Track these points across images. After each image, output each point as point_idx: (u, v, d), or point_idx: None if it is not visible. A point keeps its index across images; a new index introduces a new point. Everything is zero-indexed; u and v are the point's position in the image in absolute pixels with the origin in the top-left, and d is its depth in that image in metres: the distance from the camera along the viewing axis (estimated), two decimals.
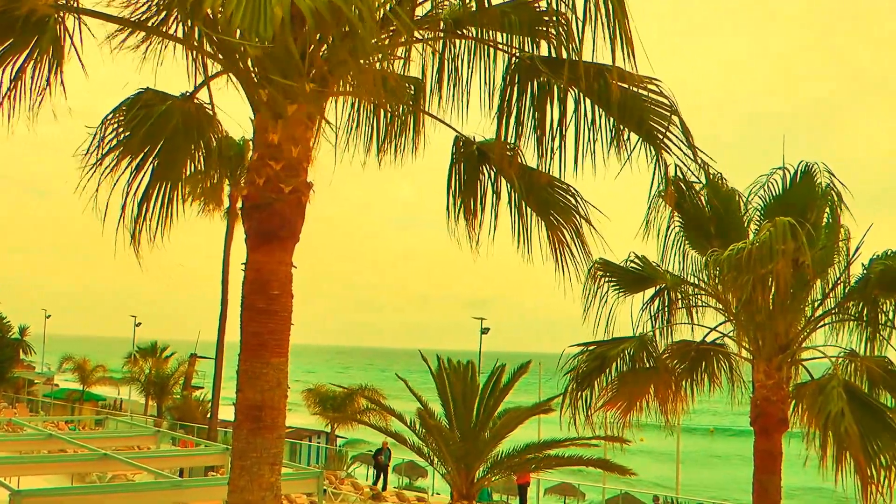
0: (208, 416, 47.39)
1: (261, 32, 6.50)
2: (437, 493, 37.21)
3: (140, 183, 10.62)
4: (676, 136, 9.41)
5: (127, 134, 10.36)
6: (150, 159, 10.59)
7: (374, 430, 24.89)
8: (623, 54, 8.26)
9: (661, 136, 9.43)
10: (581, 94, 9.55)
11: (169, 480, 16.53)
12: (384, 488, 37.92)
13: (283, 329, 8.97)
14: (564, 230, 10.65)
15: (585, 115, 9.57)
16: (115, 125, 10.33)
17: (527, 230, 10.74)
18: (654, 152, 9.50)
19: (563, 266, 10.70)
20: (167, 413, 59.09)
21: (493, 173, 10.85)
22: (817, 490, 53.62)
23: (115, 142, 10.32)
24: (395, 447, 26.33)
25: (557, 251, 10.72)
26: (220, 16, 6.60)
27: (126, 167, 10.47)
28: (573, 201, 10.57)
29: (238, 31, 6.75)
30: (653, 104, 9.38)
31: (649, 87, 9.27)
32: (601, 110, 9.53)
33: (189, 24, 9.56)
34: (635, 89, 9.28)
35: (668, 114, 9.34)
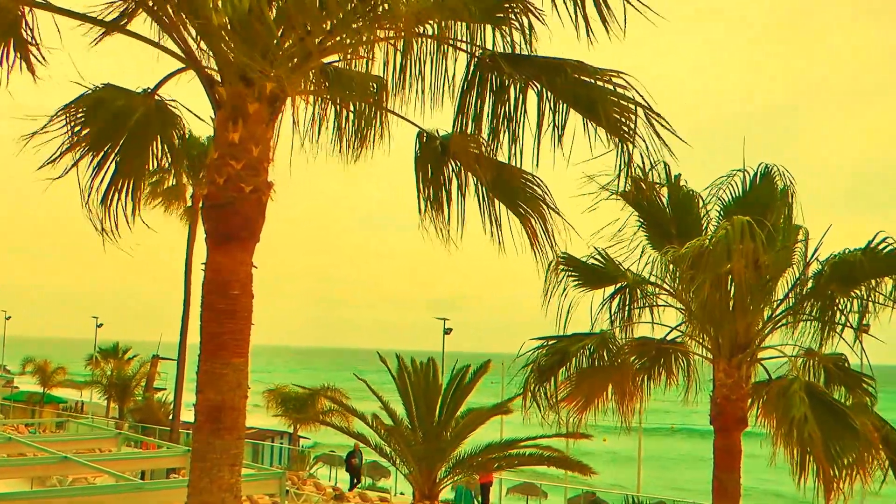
0: (170, 417, 47.04)
1: (237, 4, 6.45)
2: (402, 493, 37.20)
3: (102, 180, 10.49)
4: (642, 128, 9.39)
5: (86, 131, 10.24)
6: (112, 155, 10.47)
7: (335, 430, 24.81)
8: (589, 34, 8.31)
9: (626, 129, 9.43)
10: (543, 89, 9.57)
11: (130, 483, 16.43)
12: (350, 488, 37.85)
13: (244, 329, 8.93)
14: (533, 220, 10.64)
15: (549, 109, 9.61)
16: (72, 119, 10.19)
17: (496, 222, 10.72)
18: (617, 144, 9.50)
19: (536, 251, 10.68)
20: (129, 415, 58.59)
21: (458, 167, 10.84)
22: (775, 493, 54.19)
23: (70, 136, 10.17)
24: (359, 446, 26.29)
25: (531, 239, 10.69)
26: None
27: (89, 164, 10.35)
28: (539, 191, 10.56)
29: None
30: (618, 97, 9.35)
31: (614, 80, 9.28)
32: (564, 104, 9.54)
33: (155, 14, 9.37)
34: (600, 83, 9.29)
35: (633, 106, 9.30)
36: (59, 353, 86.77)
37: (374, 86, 10.73)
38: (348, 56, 9.95)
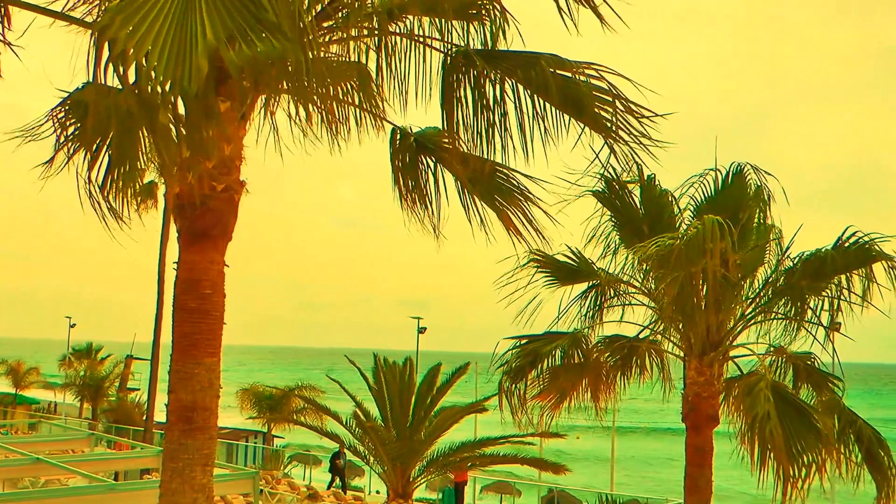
0: (144, 418, 46.82)
1: (185, 87, 6.37)
2: (377, 492, 37.18)
3: (97, 174, 10.42)
4: (621, 120, 9.41)
5: (75, 129, 10.19)
6: (104, 150, 10.39)
7: (309, 429, 24.78)
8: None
9: (608, 121, 9.43)
10: (517, 83, 9.58)
11: (103, 484, 16.31)
12: (344, 491, 37.82)
13: (215, 329, 8.89)
14: (511, 213, 10.65)
15: (526, 104, 9.62)
16: (60, 120, 10.15)
17: (478, 216, 10.73)
18: (591, 136, 9.53)
19: (518, 239, 10.69)
20: (102, 416, 58.28)
21: (433, 163, 10.84)
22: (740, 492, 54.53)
23: (61, 133, 10.14)
24: (331, 445, 26.24)
25: (511, 232, 10.71)
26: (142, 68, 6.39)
27: (83, 160, 10.27)
28: (517, 185, 10.57)
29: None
30: (595, 90, 9.34)
31: (587, 71, 9.26)
32: (540, 99, 9.55)
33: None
34: (576, 76, 9.29)
35: (611, 98, 9.30)
36: (31, 354, 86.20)
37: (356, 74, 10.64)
38: (323, 53, 9.92)
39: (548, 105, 9.54)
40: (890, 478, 13.82)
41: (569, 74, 9.27)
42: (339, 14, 9.26)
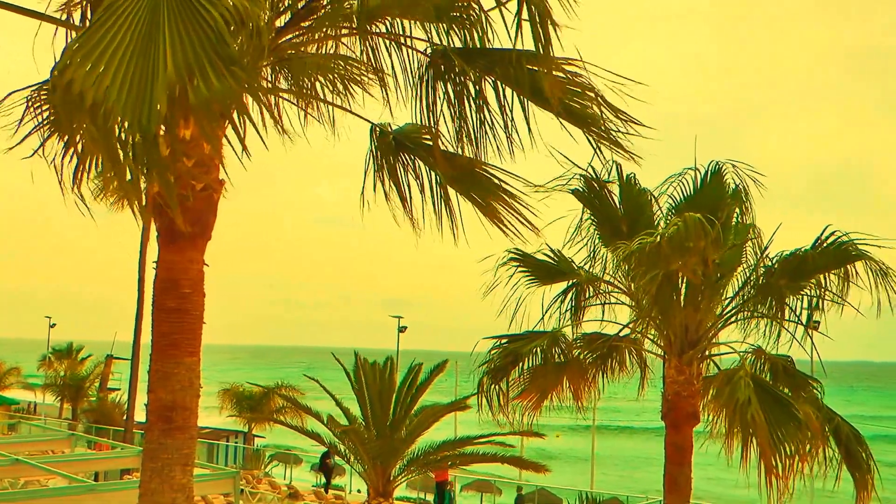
0: (125, 418, 46.63)
1: (143, 125, 6.38)
2: (358, 491, 37.16)
3: (70, 161, 10.36)
4: (603, 115, 9.48)
5: (49, 114, 10.12)
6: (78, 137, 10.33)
7: (290, 429, 24.77)
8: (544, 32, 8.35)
9: (585, 115, 9.51)
10: (497, 81, 9.64)
11: (83, 485, 16.29)
12: (326, 490, 37.82)
13: (195, 328, 8.88)
14: (495, 208, 10.70)
15: (501, 100, 9.70)
16: (35, 104, 10.07)
17: (452, 214, 10.77)
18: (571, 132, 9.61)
19: (505, 232, 10.73)
20: (82, 416, 58.00)
21: (412, 161, 10.87)
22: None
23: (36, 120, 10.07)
24: (314, 446, 26.22)
25: (497, 224, 10.74)
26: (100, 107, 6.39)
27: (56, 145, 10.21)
28: (498, 181, 10.61)
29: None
30: (574, 85, 9.39)
31: (566, 67, 9.29)
32: (520, 97, 9.62)
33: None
34: (555, 72, 9.32)
35: (591, 93, 9.37)
36: (11, 354, 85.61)
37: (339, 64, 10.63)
38: (302, 52, 9.95)
39: (527, 101, 9.61)
40: (868, 475, 13.92)
41: (545, 70, 9.29)
42: (317, 14, 9.27)
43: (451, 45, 9.69)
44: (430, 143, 10.34)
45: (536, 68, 9.27)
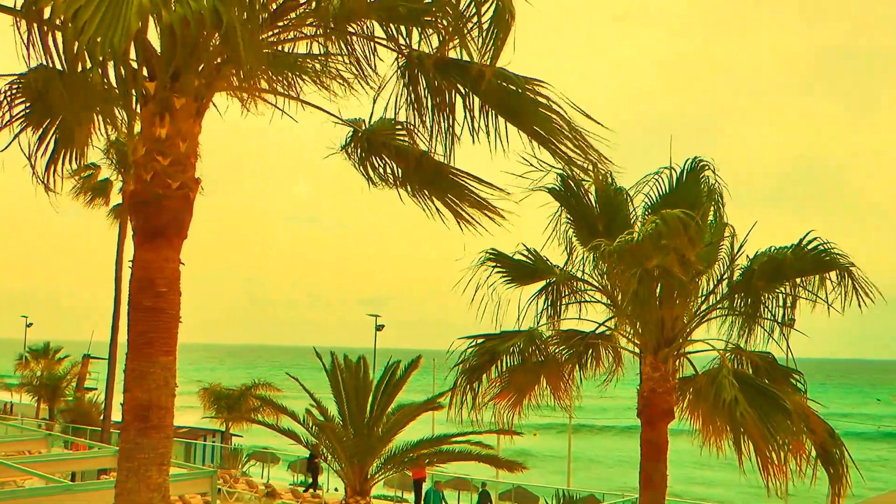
0: (101, 417, 46.41)
1: (115, 44, 6.36)
2: (336, 489, 37.13)
3: (44, 154, 10.34)
4: (565, 136, 9.62)
5: (24, 108, 10.09)
6: (52, 131, 10.31)
7: (266, 428, 24.73)
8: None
9: (547, 136, 9.62)
10: (469, 93, 9.71)
11: (60, 485, 16.24)
12: (306, 489, 37.80)
13: (171, 327, 8.87)
14: (462, 210, 10.80)
15: (477, 113, 9.77)
16: (9, 98, 10.04)
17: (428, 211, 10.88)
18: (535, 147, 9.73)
19: (462, 226, 10.85)
20: (59, 416, 57.67)
21: (382, 163, 10.95)
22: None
23: (9, 114, 10.04)
24: (290, 444, 26.17)
25: (462, 224, 10.85)
26: (69, 23, 6.36)
27: (30, 139, 10.20)
28: (467, 184, 10.71)
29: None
30: (539, 105, 9.56)
31: (536, 88, 9.48)
32: (490, 108, 9.70)
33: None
34: (521, 90, 9.47)
35: (555, 115, 9.54)
36: None
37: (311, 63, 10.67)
38: (278, 51, 9.98)
39: (496, 115, 9.75)
40: (842, 471, 14.02)
41: (515, 88, 9.50)
42: (294, 13, 9.29)
43: (426, 52, 9.75)
44: (400, 142, 10.46)
45: (509, 86, 9.44)
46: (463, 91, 9.79)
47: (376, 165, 10.96)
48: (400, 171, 10.88)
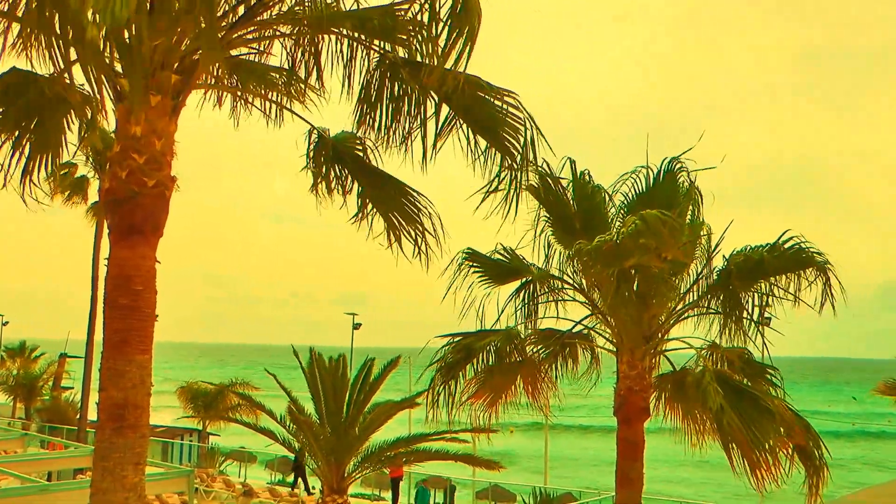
0: (78, 417, 46.18)
1: (117, 14, 6.33)
2: (313, 488, 37.04)
3: (19, 161, 10.28)
4: (530, 144, 9.76)
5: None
6: (27, 136, 10.25)
7: (244, 426, 24.63)
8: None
9: (512, 147, 9.77)
10: (441, 101, 9.79)
11: (36, 485, 16.18)
12: (292, 487, 37.74)
13: (147, 326, 8.84)
14: (404, 232, 10.96)
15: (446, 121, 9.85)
16: None
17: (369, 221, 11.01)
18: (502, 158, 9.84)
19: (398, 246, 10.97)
20: (35, 415, 57.31)
21: (343, 172, 11.02)
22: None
23: None
24: (266, 442, 26.08)
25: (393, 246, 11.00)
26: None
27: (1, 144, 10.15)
28: (416, 208, 10.91)
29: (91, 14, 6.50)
30: (508, 116, 9.70)
31: (506, 99, 9.60)
32: (459, 119, 9.79)
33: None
34: (491, 99, 9.57)
35: (521, 126, 9.66)
36: None
37: (276, 76, 10.70)
38: (254, 50, 9.98)
39: (464, 124, 9.83)
40: (820, 466, 14.08)
41: (485, 97, 9.64)
42: (266, 14, 9.31)
43: (399, 59, 9.78)
44: (360, 151, 10.60)
45: (480, 94, 9.53)
46: (436, 99, 9.85)
47: (336, 174, 11.03)
48: (357, 184, 10.97)
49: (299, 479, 38.51)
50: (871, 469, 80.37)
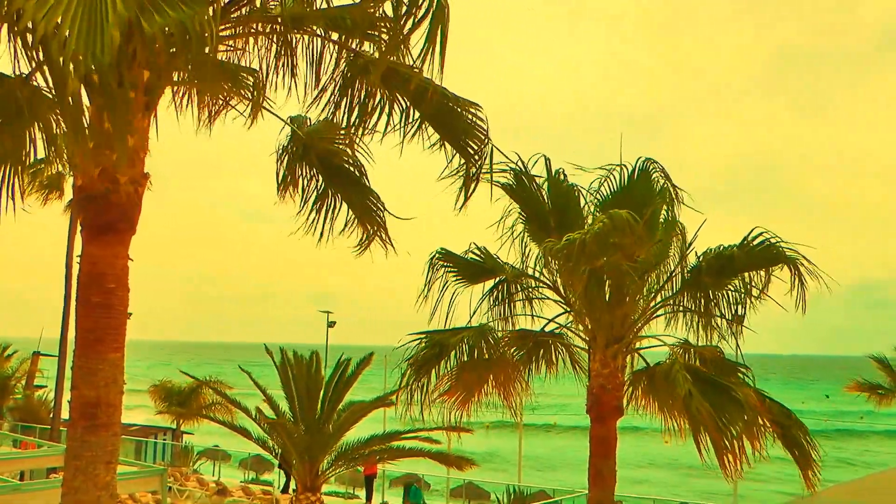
0: (51, 416, 45.91)
1: (97, 56, 6.28)
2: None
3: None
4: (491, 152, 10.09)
5: None
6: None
7: (219, 424, 24.58)
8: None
9: (474, 154, 10.04)
10: (409, 106, 9.90)
11: (7, 485, 16.09)
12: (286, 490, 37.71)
13: (119, 324, 8.80)
14: (369, 230, 11.26)
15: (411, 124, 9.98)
16: None
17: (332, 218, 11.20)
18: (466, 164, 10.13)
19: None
20: (8, 414, 56.89)
21: (311, 172, 11.09)
22: None
23: None
24: (239, 440, 26.00)
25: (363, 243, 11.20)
26: (51, 36, 6.30)
27: None
28: (375, 205, 11.15)
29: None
30: (472, 125, 9.98)
31: (470, 109, 9.84)
32: (426, 125, 9.93)
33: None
34: (458, 108, 9.71)
35: (483, 137, 10.00)
36: None
37: (248, 77, 10.69)
38: (227, 47, 9.94)
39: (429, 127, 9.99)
40: (808, 449, 14.17)
41: (452, 106, 9.86)
42: (240, 12, 9.29)
43: (369, 58, 9.84)
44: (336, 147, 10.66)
45: (448, 104, 9.66)
46: (404, 103, 9.96)
47: (302, 173, 11.11)
48: (323, 181, 11.05)
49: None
50: (844, 466, 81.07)
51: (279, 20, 9.59)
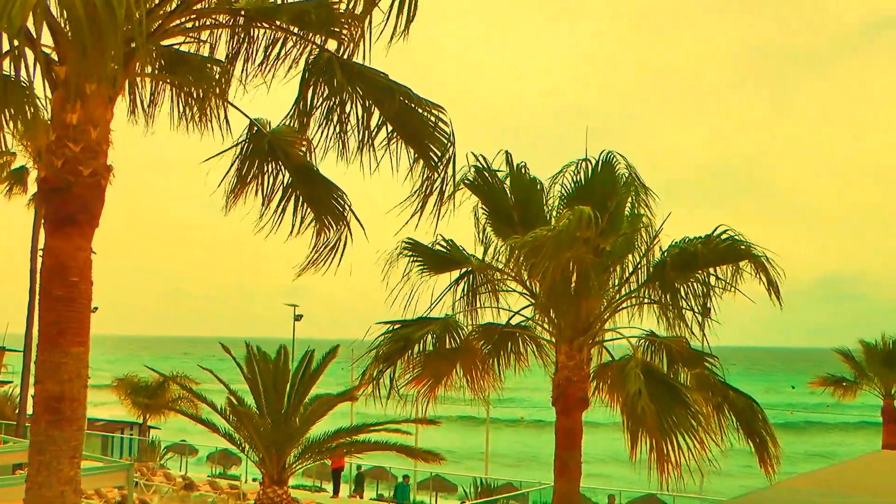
0: (17, 411, 45.49)
1: (13, 18, 6.25)
2: (255, 480, 36.94)
3: None
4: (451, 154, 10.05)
5: None
6: None
7: (186, 418, 24.50)
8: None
9: (435, 158, 10.05)
10: (371, 105, 9.89)
11: None
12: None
13: (83, 318, 8.74)
14: (331, 231, 11.17)
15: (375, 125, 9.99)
16: None
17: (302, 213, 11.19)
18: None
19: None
20: None
21: (276, 169, 11.08)
22: None
23: None
24: (206, 435, 25.89)
25: (322, 243, 11.26)
26: None
27: None
28: (340, 203, 11.11)
29: None
30: (435, 129, 9.97)
31: (434, 112, 9.84)
32: (389, 127, 9.93)
33: None
34: (421, 111, 9.72)
35: (446, 141, 9.97)
36: None
37: (214, 68, 10.64)
38: (189, 39, 9.91)
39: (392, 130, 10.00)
40: (767, 441, 14.33)
41: (415, 108, 9.87)
42: (202, 4, 9.25)
43: (334, 58, 9.82)
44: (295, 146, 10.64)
45: (411, 105, 9.67)
46: (368, 103, 9.97)
47: (269, 170, 11.08)
48: (287, 178, 11.04)
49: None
50: (808, 457, 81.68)
51: (242, 13, 9.55)
